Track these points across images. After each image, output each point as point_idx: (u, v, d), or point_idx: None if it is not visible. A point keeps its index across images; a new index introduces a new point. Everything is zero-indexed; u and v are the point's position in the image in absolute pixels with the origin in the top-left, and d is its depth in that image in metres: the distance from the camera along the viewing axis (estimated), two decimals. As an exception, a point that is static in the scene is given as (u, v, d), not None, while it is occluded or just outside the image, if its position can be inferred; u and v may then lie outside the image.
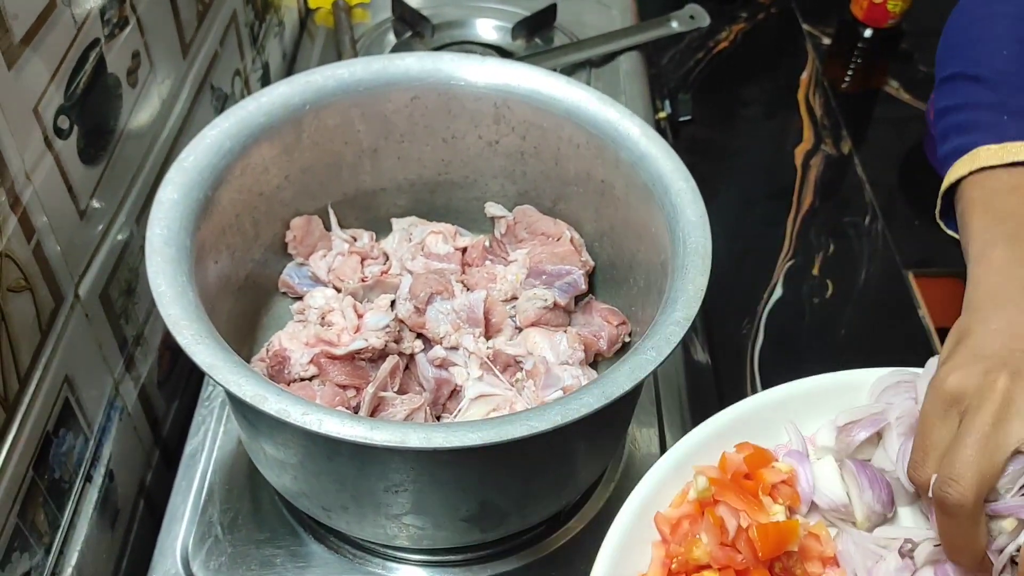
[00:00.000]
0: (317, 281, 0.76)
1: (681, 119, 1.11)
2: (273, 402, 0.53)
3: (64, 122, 0.62)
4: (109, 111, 0.68)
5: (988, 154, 0.61)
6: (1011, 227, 0.57)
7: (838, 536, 0.55)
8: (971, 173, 0.62)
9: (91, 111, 0.65)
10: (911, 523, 0.54)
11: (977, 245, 0.58)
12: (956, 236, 0.65)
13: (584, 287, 0.75)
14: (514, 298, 0.75)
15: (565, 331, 0.72)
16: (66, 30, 0.61)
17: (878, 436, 0.56)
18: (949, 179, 0.65)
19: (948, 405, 0.49)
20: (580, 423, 0.52)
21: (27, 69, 0.57)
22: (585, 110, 0.72)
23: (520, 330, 0.73)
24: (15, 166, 0.56)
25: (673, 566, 0.51)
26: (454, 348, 0.71)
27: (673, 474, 0.54)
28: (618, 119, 0.71)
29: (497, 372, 0.69)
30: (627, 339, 0.74)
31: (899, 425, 0.55)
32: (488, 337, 0.72)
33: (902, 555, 0.52)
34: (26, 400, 0.59)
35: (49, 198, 0.60)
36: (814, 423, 0.58)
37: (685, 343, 0.90)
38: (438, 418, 0.69)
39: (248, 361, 0.70)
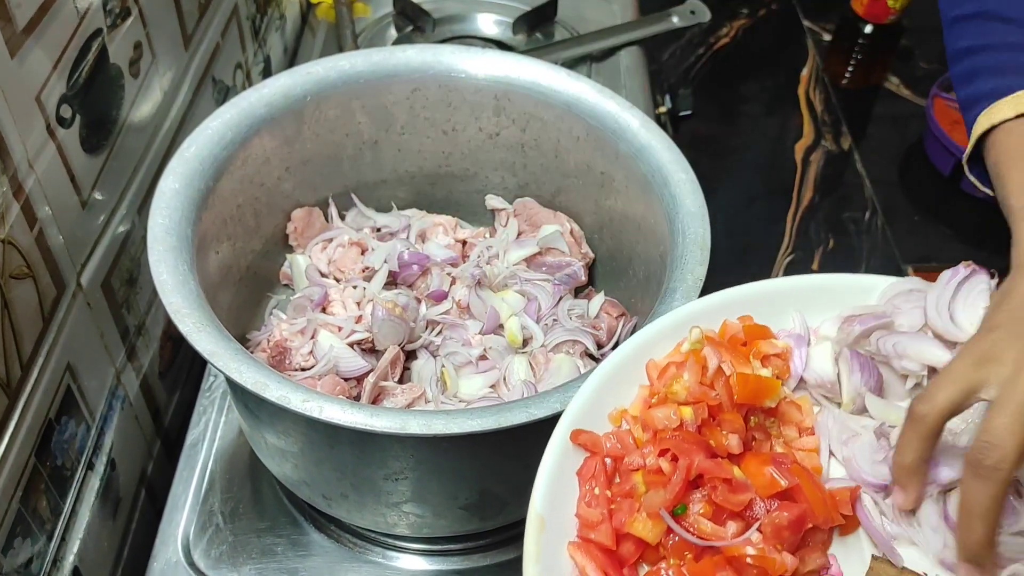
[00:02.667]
0: (318, 272, 0.76)
1: (681, 114, 1.11)
2: (274, 389, 0.53)
3: (66, 111, 0.62)
4: (111, 101, 0.69)
5: None
6: None
7: (820, 412, 0.55)
8: (1010, 119, 0.57)
9: (93, 101, 0.66)
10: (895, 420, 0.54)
11: (1021, 198, 0.55)
12: (982, 187, 0.62)
13: (584, 279, 0.76)
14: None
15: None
16: (68, 20, 0.61)
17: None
18: (983, 125, 0.59)
19: (980, 362, 0.48)
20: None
21: (29, 58, 0.57)
22: (585, 102, 0.73)
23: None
24: (18, 154, 0.56)
25: (653, 400, 0.52)
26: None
27: (672, 332, 0.55)
28: (618, 111, 0.71)
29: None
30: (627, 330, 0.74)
31: (902, 328, 0.55)
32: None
33: (878, 436, 0.52)
34: (28, 387, 0.59)
35: (52, 187, 0.61)
36: (821, 316, 0.57)
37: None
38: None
39: (249, 351, 0.70)
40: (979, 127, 0.59)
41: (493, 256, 0.76)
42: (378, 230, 0.79)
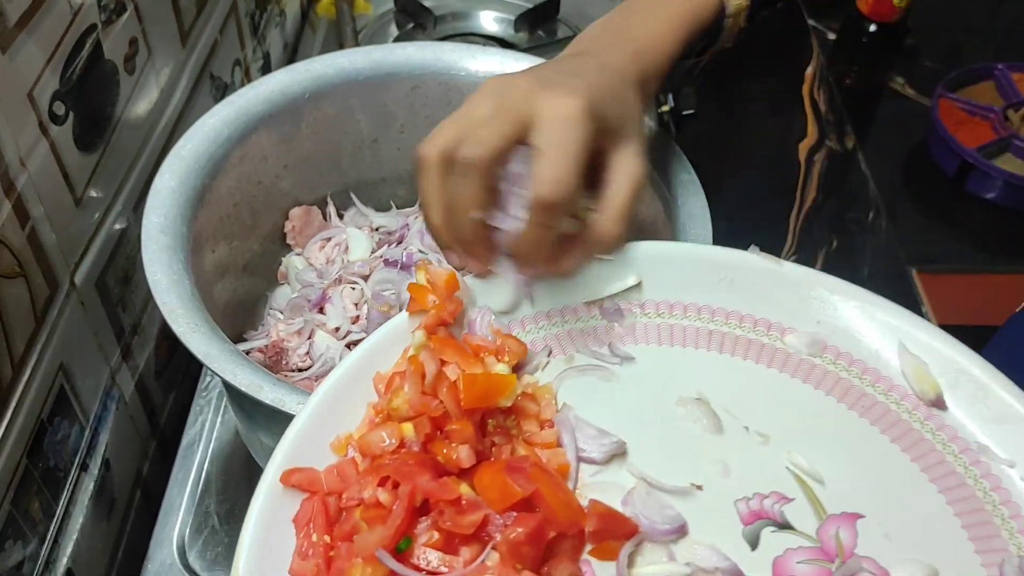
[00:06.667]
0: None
1: (684, 113, 1.10)
2: (269, 391, 0.53)
3: (60, 108, 0.61)
4: (106, 98, 0.68)
5: None
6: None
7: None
8: None
9: (87, 97, 0.65)
10: None
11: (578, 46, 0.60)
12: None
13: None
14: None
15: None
16: (62, 15, 0.60)
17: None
18: None
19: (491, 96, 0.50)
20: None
21: (21, 53, 0.56)
22: (587, 101, 0.72)
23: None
24: (9, 152, 0.56)
25: (377, 420, 0.46)
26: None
27: (400, 336, 0.49)
28: (620, 110, 0.70)
29: None
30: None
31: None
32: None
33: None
34: (20, 387, 0.58)
35: (44, 185, 0.60)
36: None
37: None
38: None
39: (246, 352, 0.69)
40: None
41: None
42: (376, 229, 0.78)
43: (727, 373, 0.50)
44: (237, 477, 0.73)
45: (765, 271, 0.52)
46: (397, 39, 1.13)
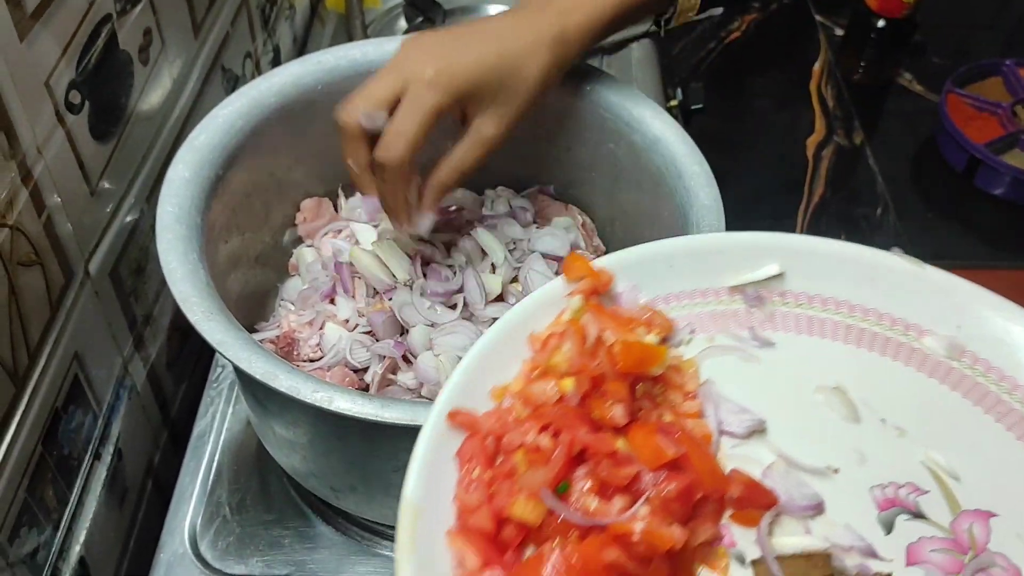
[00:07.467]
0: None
1: (693, 108, 1.10)
2: (284, 379, 0.53)
3: (75, 97, 0.61)
4: (120, 88, 0.68)
5: None
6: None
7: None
8: None
9: (102, 87, 0.65)
10: None
11: None
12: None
13: (595, 272, 0.75)
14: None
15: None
16: (78, 5, 0.61)
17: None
18: None
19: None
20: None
21: (38, 42, 0.56)
22: (598, 93, 0.72)
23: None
24: (27, 140, 0.56)
25: (535, 375, 0.49)
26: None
27: (553, 302, 0.51)
28: (631, 102, 0.71)
29: None
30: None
31: None
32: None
33: None
34: (35, 375, 0.59)
35: (60, 173, 0.60)
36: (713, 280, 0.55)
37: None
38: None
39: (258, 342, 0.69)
40: None
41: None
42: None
43: (865, 366, 0.51)
44: (248, 468, 0.73)
45: (907, 273, 0.53)
46: (406, 33, 1.13)
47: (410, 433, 0.56)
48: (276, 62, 1.06)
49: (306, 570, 0.67)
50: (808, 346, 0.53)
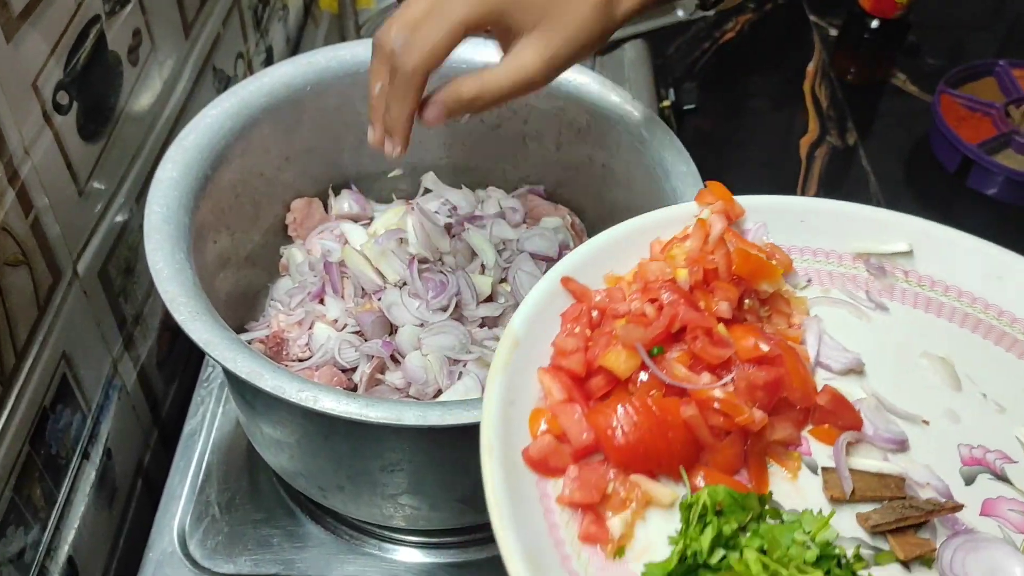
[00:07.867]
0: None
1: (686, 108, 1.10)
2: (269, 379, 0.53)
3: (63, 97, 0.61)
4: (109, 88, 0.68)
5: None
6: None
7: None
8: None
9: (91, 87, 0.65)
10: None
11: None
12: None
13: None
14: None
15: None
16: (66, 5, 0.61)
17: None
18: None
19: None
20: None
21: (26, 43, 0.56)
22: (587, 94, 0.72)
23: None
24: (13, 140, 0.56)
25: (651, 276, 0.51)
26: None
27: (684, 218, 0.53)
28: (620, 103, 0.71)
29: None
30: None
31: None
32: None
33: None
34: (23, 374, 0.59)
35: (48, 174, 0.60)
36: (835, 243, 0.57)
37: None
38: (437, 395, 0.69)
39: (247, 342, 0.69)
40: None
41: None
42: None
43: (976, 349, 0.52)
44: (238, 467, 0.73)
45: None
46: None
47: (396, 433, 0.56)
48: (269, 62, 1.06)
49: (295, 569, 0.67)
50: (922, 320, 0.54)
